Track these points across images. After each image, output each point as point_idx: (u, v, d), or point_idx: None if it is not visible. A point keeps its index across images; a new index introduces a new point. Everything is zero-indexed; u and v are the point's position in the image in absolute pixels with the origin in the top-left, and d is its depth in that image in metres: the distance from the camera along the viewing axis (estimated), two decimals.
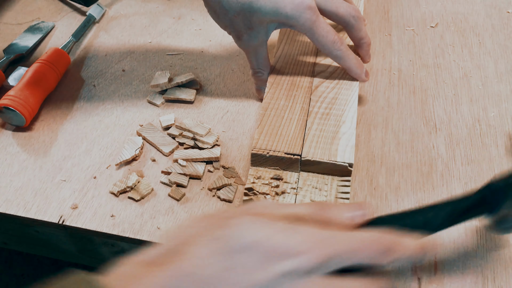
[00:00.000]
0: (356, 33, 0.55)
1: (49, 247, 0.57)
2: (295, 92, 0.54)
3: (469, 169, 0.53)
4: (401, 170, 0.53)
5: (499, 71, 0.63)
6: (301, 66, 0.58)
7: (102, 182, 0.52)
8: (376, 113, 0.59)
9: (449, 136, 0.56)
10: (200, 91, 0.62)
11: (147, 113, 0.59)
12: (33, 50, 0.68)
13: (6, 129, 0.58)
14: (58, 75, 0.61)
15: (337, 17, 0.54)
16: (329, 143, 0.49)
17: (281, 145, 0.49)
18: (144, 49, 0.68)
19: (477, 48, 0.67)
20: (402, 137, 0.56)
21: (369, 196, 0.50)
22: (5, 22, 0.72)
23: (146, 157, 0.55)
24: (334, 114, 0.52)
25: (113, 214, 0.50)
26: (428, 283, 0.44)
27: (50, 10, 0.74)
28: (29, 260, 1.04)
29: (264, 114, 0.52)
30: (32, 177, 0.53)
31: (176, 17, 0.73)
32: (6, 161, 0.55)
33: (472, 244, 0.47)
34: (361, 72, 0.55)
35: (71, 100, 0.61)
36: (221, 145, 0.55)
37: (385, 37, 0.68)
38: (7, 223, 0.55)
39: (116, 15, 0.73)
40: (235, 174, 0.52)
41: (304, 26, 0.51)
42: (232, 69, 0.64)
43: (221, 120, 0.58)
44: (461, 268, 0.45)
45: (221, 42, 0.68)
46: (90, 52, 0.68)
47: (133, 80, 0.64)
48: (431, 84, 0.62)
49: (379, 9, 0.73)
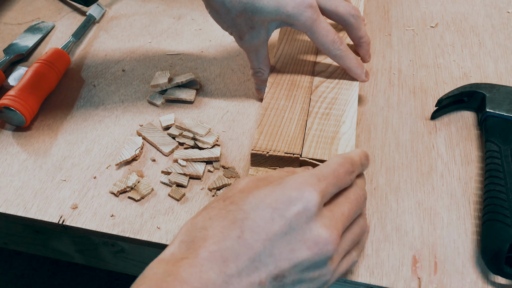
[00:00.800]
0: (356, 32, 0.55)
1: (49, 247, 0.57)
2: (295, 92, 0.54)
3: (469, 169, 0.53)
4: (401, 170, 0.53)
5: (499, 71, 0.63)
6: (301, 65, 0.58)
7: (102, 182, 0.52)
8: (376, 113, 0.59)
9: (449, 136, 0.56)
10: (200, 91, 0.62)
11: (147, 113, 0.59)
12: (33, 50, 0.68)
13: (6, 129, 0.58)
14: (58, 75, 0.61)
15: (337, 16, 0.54)
16: (329, 143, 0.49)
17: (281, 145, 0.49)
18: (144, 49, 0.68)
19: (477, 48, 0.67)
20: (402, 137, 0.56)
21: (369, 196, 0.50)
22: (5, 22, 0.72)
23: (146, 157, 0.55)
24: (334, 114, 0.52)
25: (113, 214, 0.50)
26: (428, 283, 0.44)
27: (50, 10, 0.74)
28: (29, 260, 1.04)
29: (264, 114, 0.52)
30: (32, 177, 0.53)
31: (176, 17, 0.73)
32: (6, 161, 0.55)
33: (472, 244, 0.47)
34: (361, 72, 0.55)
35: (71, 100, 0.61)
36: (221, 145, 0.55)
37: (385, 37, 0.68)
38: (7, 223, 0.55)
39: (116, 15, 0.73)
40: (235, 174, 0.52)
41: (305, 25, 0.51)
42: (232, 69, 0.64)
43: (221, 120, 0.58)
44: (461, 268, 0.45)
45: (221, 42, 0.68)
46: (90, 52, 0.68)
47: (133, 80, 0.64)
48: (431, 84, 0.62)
49: (379, 9, 0.73)
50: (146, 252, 0.53)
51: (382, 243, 0.47)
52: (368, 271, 0.45)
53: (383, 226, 0.48)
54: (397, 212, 0.49)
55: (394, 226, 0.48)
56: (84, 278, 1.03)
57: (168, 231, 0.48)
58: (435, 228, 0.48)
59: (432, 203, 0.50)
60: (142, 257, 0.54)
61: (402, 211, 0.49)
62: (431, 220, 0.49)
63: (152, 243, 0.48)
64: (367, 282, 0.44)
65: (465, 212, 0.49)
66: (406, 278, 0.45)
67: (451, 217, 0.49)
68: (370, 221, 0.49)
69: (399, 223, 0.48)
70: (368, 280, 0.44)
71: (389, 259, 0.46)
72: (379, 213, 0.49)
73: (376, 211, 0.49)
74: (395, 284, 0.44)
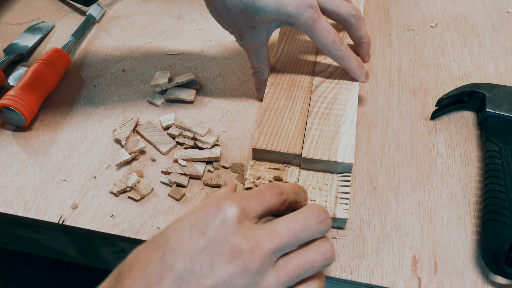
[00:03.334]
0: (356, 32, 0.55)
1: (49, 247, 0.57)
2: (295, 92, 0.54)
3: (469, 169, 0.53)
4: (401, 170, 0.53)
5: (499, 71, 0.63)
6: (301, 65, 0.58)
7: (102, 182, 0.52)
8: (376, 113, 0.59)
9: (449, 136, 0.56)
10: (200, 91, 0.62)
11: (147, 113, 0.59)
12: (33, 50, 0.68)
13: (6, 129, 0.58)
14: (58, 75, 0.61)
15: (337, 16, 0.54)
16: (329, 143, 0.49)
17: (281, 145, 0.49)
18: (144, 49, 0.68)
19: (477, 48, 0.67)
20: (402, 137, 0.56)
21: (369, 196, 0.51)
22: (5, 22, 0.72)
23: (146, 157, 0.55)
24: (334, 114, 0.52)
25: (113, 214, 0.50)
26: (428, 283, 0.44)
27: (50, 10, 0.74)
28: (29, 260, 1.04)
29: (264, 114, 0.52)
30: (32, 177, 0.53)
31: (176, 17, 0.73)
32: (6, 161, 0.55)
33: (472, 244, 0.47)
34: (361, 73, 0.55)
35: (71, 100, 0.61)
36: (221, 145, 0.55)
37: (385, 37, 0.68)
38: (7, 223, 0.55)
39: (116, 15, 0.73)
40: (240, 170, 0.52)
41: (305, 25, 0.51)
42: (232, 69, 0.64)
43: (221, 120, 0.58)
44: (461, 268, 0.45)
45: (221, 42, 0.68)
46: (90, 52, 0.68)
47: (133, 80, 0.64)
48: (431, 84, 0.62)
49: (379, 9, 0.73)
50: None
51: (382, 243, 0.47)
52: (368, 271, 0.45)
53: (383, 226, 0.48)
54: (397, 212, 0.49)
55: (394, 226, 0.48)
56: (84, 278, 1.03)
57: None
58: (435, 228, 0.48)
59: (432, 203, 0.50)
60: None
61: (402, 211, 0.49)
62: (431, 220, 0.49)
63: None
64: (367, 282, 0.44)
65: (465, 212, 0.49)
66: (406, 278, 0.45)
67: (451, 217, 0.49)
68: (370, 221, 0.49)
69: (399, 223, 0.48)
70: (368, 280, 0.44)
71: (389, 259, 0.46)
72: (379, 213, 0.49)
73: (376, 211, 0.49)
74: (395, 284, 0.44)
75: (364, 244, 0.47)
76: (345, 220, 0.46)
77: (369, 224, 0.48)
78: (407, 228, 0.48)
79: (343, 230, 0.48)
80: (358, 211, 0.49)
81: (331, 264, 0.37)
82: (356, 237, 0.47)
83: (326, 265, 0.36)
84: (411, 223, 0.48)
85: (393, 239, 0.47)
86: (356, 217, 0.49)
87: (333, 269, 0.45)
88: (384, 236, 0.47)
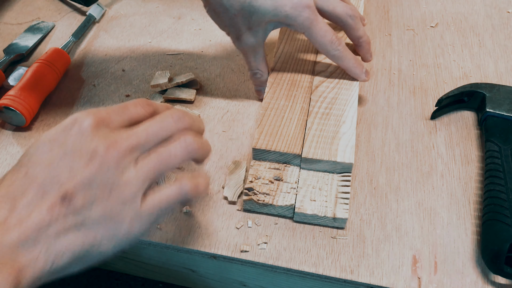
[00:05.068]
0: (354, 32, 0.55)
1: None
2: (295, 92, 0.54)
3: (469, 169, 0.53)
4: (401, 170, 0.53)
5: (499, 71, 0.63)
6: (301, 65, 0.58)
7: None
8: (376, 113, 0.59)
9: (449, 136, 0.56)
10: (200, 91, 0.62)
11: None
12: (33, 50, 0.68)
13: (6, 129, 0.58)
14: (58, 75, 0.61)
15: (334, 16, 0.54)
16: (329, 143, 0.49)
17: (281, 145, 0.49)
18: (144, 49, 0.68)
19: (477, 48, 0.67)
20: (402, 137, 0.56)
21: (369, 196, 0.51)
22: (5, 22, 0.72)
23: None
24: (334, 114, 0.52)
25: None
26: (428, 283, 0.44)
27: (50, 10, 0.74)
28: None
29: (264, 114, 0.52)
30: None
31: (176, 17, 0.73)
32: (6, 161, 0.55)
33: (472, 244, 0.47)
34: (360, 72, 0.54)
35: (71, 100, 0.61)
36: (221, 145, 0.55)
37: (385, 37, 0.68)
38: None
39: (116, 15, 0.73)
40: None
41: (302, 26, 0.51)
42: (232, 69, 0.64)
43: (221, 120, 0.58)
44: (461, 268, 0.45)
45: (221, 42, 0.68)
46: (90, 52, 0.68)
47: (133, 80, 0.64)
48: (431, 84, 0.62)
49: (379, 9, 0.73)
50: (146, 252, 0.53)
51: (382, 243, 0.47)
52: (368, 271, 0.45)
53: (383, 226, 0.48)
54: (397, 212, 0.49)
55: (394, 226, 0.48)
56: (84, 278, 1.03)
57: (168, 231, 0.48)
58: (435, 228, 0.48)
59: (432, 203, 0.50)
60: (142, 257, 0.54)
61: (402, 211, 0.49)
62: (431, 220, 0.49)
63: (152, 243, 0.48)
64: (367, 282, 0.44)
65: (465, 212, 0.49)
66: (406, 278, 0.45)
67: (451, 217, 0.49)
68: (370, 221, 0.49)
69: (399, 223, 0.48)
70: (368, 280, 0.44)
71: (389, 259, 0.46)
72: (379, 213, 0.49)
73: (376, 211, 0.49)
74: (395, 284, 0.44)
75: (364, 244, 0.47)
76: (345, 220, 0.46)
77: (369, 224, 0.48)
78: (407, 228, 0.48)
79: (343, 230, 0.48)
80: (358, 211, 0.49)
81: (201, 155, 0.40)
82: (356, 237, 0.47)
83: (193, 157, 0.39)
84: (411, 223, 0.48)
85: (393, 239, 0.47)
86: (356, 217, 0.49)
87: (333, 269, 0.45)
88: (384, 236, 0.47)
